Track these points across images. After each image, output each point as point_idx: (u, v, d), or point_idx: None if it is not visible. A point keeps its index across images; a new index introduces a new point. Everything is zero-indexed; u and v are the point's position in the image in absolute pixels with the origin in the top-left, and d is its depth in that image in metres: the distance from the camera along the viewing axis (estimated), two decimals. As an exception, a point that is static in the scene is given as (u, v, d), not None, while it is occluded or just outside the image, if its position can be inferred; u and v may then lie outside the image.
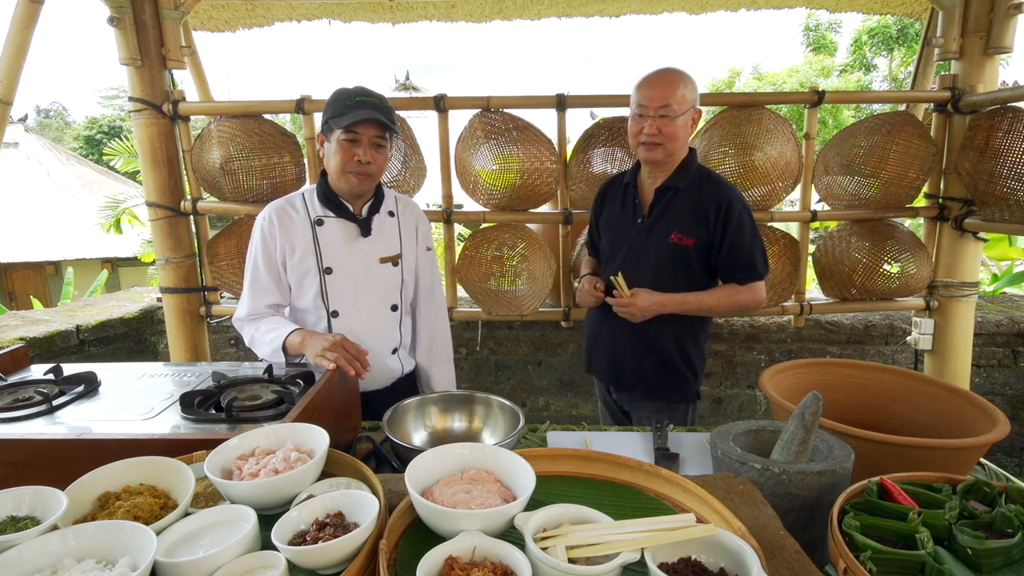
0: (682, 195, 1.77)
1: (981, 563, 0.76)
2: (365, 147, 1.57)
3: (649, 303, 1.75)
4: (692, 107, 1.71)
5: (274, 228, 1.66)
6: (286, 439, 0.99)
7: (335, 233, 1.67)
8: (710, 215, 1.74)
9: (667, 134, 1.68)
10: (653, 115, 1.68)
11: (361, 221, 1.67)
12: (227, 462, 0.94)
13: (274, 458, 0.93)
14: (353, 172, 1.59)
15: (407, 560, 0.75)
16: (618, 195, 1.91)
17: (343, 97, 1.58)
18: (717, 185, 1.77)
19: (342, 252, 1.67)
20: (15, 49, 1.96)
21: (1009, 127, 2.18)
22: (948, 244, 2.54)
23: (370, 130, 1.57)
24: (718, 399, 3.13)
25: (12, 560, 0.71)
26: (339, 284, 1.67)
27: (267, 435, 0.99)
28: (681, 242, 1.75)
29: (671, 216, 1.77)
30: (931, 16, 2.55)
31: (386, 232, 1.72)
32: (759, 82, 15.96)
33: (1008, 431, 1.07)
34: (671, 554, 0.76)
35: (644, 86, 1.71)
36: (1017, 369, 2.98)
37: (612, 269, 1.84)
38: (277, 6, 2.95)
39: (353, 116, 1.53)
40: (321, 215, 1.67)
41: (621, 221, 1.88)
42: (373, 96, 1.59)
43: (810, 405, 1.00)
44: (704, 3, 3.00)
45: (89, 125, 21.33)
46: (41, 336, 2.78)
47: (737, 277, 1.79)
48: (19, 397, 1.24)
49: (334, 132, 1.58)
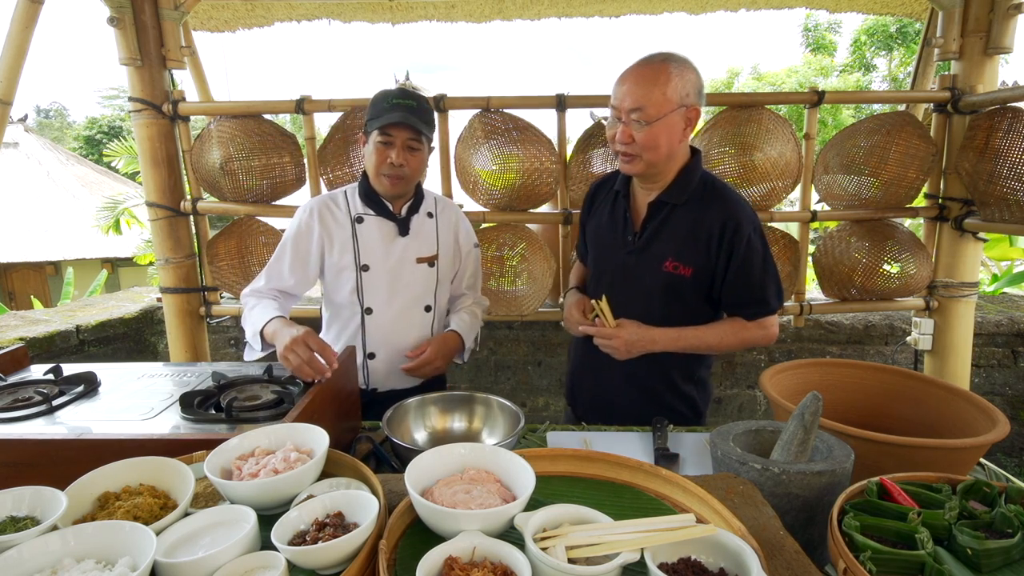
0: (680, 213, 1.49)
1: (981, 563, 0.76)
2: (399, 150, 1.57)
3: (636, 338, 1.48)
4: (680, 106, 1.38)
5: (313, 220, 1.68)
6: (286, 439, 0.99)
7: (374, 231, 1.69)
8: (713, 239, 1.45)
9: (643, 143, 1.39)
10: (624, 119, 1.40)
11: (400, 220, 1.69)
12: (227, 462, 0.94)
13: (274, 458, 0.92)
14: (386, 175, 1.61)
15: (407, 560, 0.75)
16: (607, 201, 1.64)
17: (382, 99, 1.59)
18: (723, 202, 1.47)
19: (380, 250, 1.68)
20: (15, 49, 1.96)
21: (1009, 127, 2.18)
22: (948, 244, 2.54)
23: (404, 133, 1.57)
24: (718, 399, 3.13)
25: (12, 560, 0.71)
26: (375, 281, 1.69)
27: (267, 435, 0.99)
28: (677, 272, 1.48)
29: (665, 239, 1.50)
30: (931, 16, 2.55)
31: (424, 233, 1.73)
32: (758, 82, 15.98)
33: (1008, 431, 1.07)
34: (671, 554, 0.76)
35: (620, 82, 1.42)
36: (1017, 369, 2.98)
37: (596, 291, 1.60)
38: (277, 6, 2.95)
39: (387, 118, 1.54)
40: (362, 212, 1.69)
41: (610, 236, 1.61)
42: (411, 98, 1.59)
43: (810, 405, 1.00)
44: (704, 3, 3.00)
45: (89, 125, 21.34)
46: (41, 336, 2.78)
47: (744, 313, 1.53)
48: (19, 397, 1.24)
49: (371, 133, 1.60)
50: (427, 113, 1.61)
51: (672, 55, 1.40)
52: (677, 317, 1.53)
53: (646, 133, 1.38)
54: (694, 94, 1.41)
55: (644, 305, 1.53)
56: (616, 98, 1.41)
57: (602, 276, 1.64)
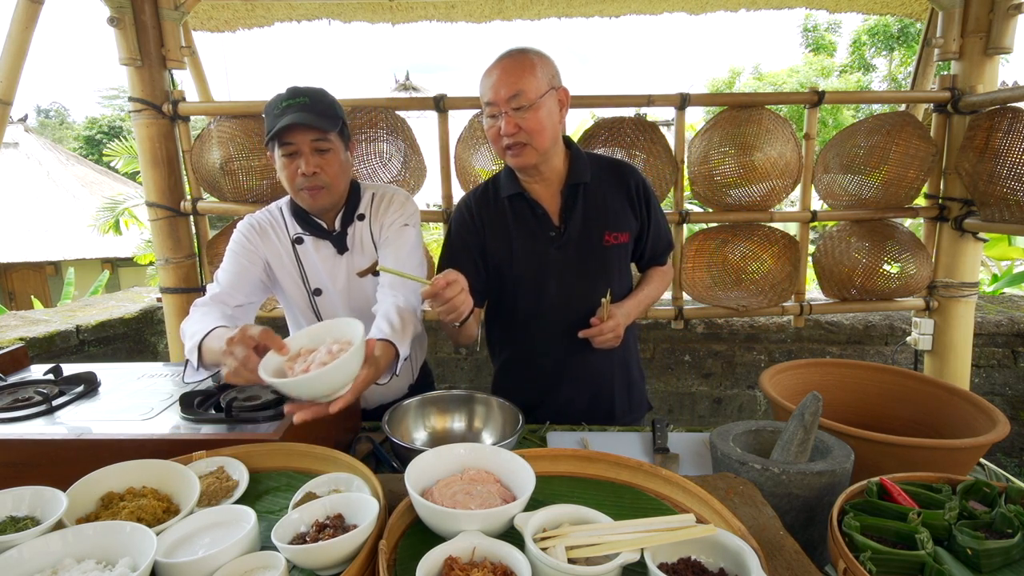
0: (591, 190, 1.53)
1: (981, 563, 0.76)
2: (307, 156, 1.37)
3: (624, 319, 1.50)
4: (551, 88, 1.41)
5: (255, 240, 1.51)
6: (324, 336, 1.09)
7: (314, 253, 1.52)
8: (632, 201, 1.55)
9: (528, 129, 1.39)
10: (506, 109, 1.39)
11: (335, 237, 1.51)
12: (278, 366, 1.03)
13: (318, 354, 1.02)
14: (303, 188, 1.41)
15: (407, 560, 0.75)
16: (502, 212, 1.55)
17: (272, 106, 1.39)
18: (620, 167, 1.58)
19: (325, 273, 1.53)
20: (15, 49, 1.96)
21: (1009, 127, 2.18)
22: (948, 244, 2.54)
23: (305, 135, 1.36)
24: (718, 399, 3.13)
25: (12, 560, 0.71)
26: (330, 304, 1.56)
27: (307, 336, 1.10)
28: (618, 241, 1.54)
29: (595, 216, 1.52)
30: (931, 16, 2.55)
31: (359, 241, 1.53)
32: (759, 82, 15.98)
33: (1008, 431, 1.07)
34: (671, 554, 0.76)
35: (486, 77, 1.42)
36: (1017, 369, 2.98)
37: (531, 299, 1.56)
38: (277, 6, 2.95)
39: (280, 124, 1.33)
40: (300, 233, 1.53)
41: (527, 242, 1.53)
42: (302, 95, 1.38)
43: (810, 405, 1.00)
44: (704, 3, 3.00)
45: (89, 125, 21.34)
46: (41, 336, 2.78)
47: (661, 260, 1.67)
48: (19, 397, 1.24)
49: (274, 149, 1.41)
50: (327, 107, 1.40)
51: (526, 47, 1.44)
52: (625, 284, 1.62)
53: (530, 117, 1.39)
54: (558, 76, 1.46)
55: (592, 288, 1.50)
56: (490, 93, 1.41)
57: (532, 281, 1.54)
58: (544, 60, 1.43)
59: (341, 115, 1.46)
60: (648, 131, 2.40)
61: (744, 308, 2.51)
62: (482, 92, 1.44)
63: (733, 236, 2.54)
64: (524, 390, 1.58)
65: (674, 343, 3.09)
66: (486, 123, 1.46)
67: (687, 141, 2.48)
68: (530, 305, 1.57)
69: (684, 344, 3.09)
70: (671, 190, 2.47)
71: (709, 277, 2.58)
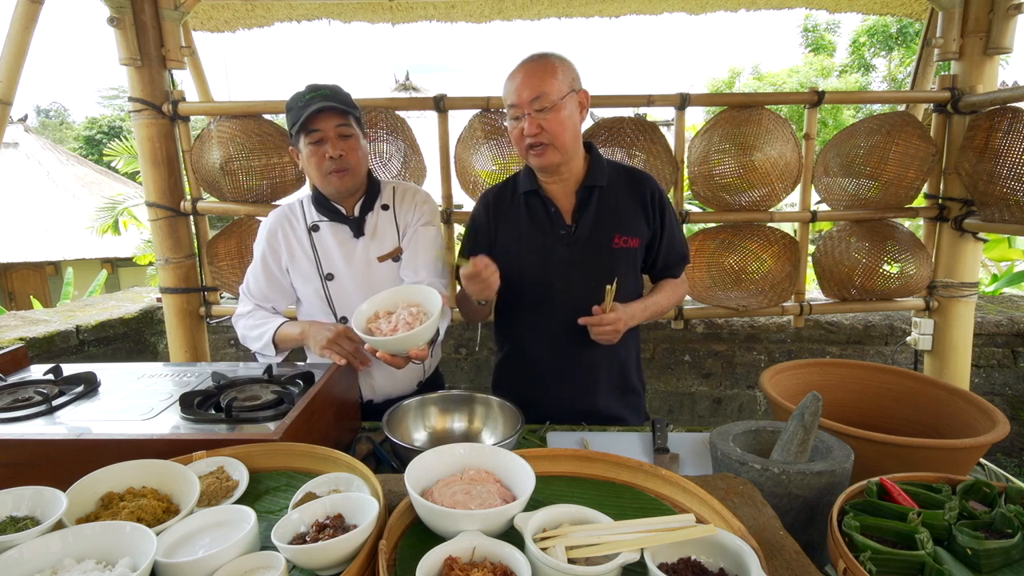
0: (607, 193, 1.57)
1: (981, 563, 0.76)
2: (333, 141, 1.52)
3: (628, 317, 1.52)
4: (572, 91, 1.47)
5: (276, 236, 1.66)
6: (397, 300, 1.40)
7: (330, 237, 1.64)
8: (647, 209, 1.58)
9: (551, 129, 1.45)
10: (529, 111, 1.45)
11: (353, 221, 1.63)
12: (362, 326, 1.34)
13: (398, 316, 1.31)
14: (331, 172, 1.54)
15: (407, 560, 0.75)
16: (517, 207, 1.62)
17: (295, 102, 1.54)
18: (639, 175, 1.62)
19: (339, 256, 1.63)
20: (15, 49, 1.96)
21: (1009, 127, 2.18)
22: (948, 244, 2.54)
23: (330, 121, 1.51)
24: (718, 399, 3.13)
25: (12, 560, 0.71)
26: (342, 289, 1.64)
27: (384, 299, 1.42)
28: (627, 244, 1.57)
29: (606, 218, 1.57)
30: (931, 16, 2.55)
31: (382, 228, 1.66)
32: (759, 82, 15.98)
33: (1008, 431, 1.07)
34: (671, 554, 0.76)
35: (510, 81, 1.49)
36: (1017, 369, 2.98)
37: (536, 293, 1.60)
38: (277, 6, 2.95)
39: (307, 112, 1.48)
40: (316, 220, 1.65)
41: (537, 237, 1.59)
42: (322, 88, 1.54)
43: (810, 405, 1.00)
44: (704, 3, 3.00)
45: (89, 125, 21.34)
46: (41, 336, 2.78)
47: (675, 272, 1.68)
48: (19, 397, 1.24)
49: (301, 140, 1.54)
50: (346, 96, 1.56)
51: (548, 52, 1.51)
52: (633, 289, 1.63)
53: (552, 118, 1.45)
54: (578, 79, 1.52)
55: (597, 288, 1.49)
56: (514, 96, 1.47)
57: (539, 277, 1.58)
58: (565, 64, 1.48)
59: (358, 109, 1.61)
60: (648, 131, 2.40)
61: (744, 308, 2.51)
62: (505, 95, 1.51)
63: (733, 236, 2.54)
64: (521, 385, 1.64)
65: (674, 343, 3.09)
66: (509, 125, 1.53)
67: (687, 141, 2.48)
68: (534, 299, 1.61)
69: (684, 344, 3.09)
70: (671, 190, 2.47)
71: (709, 277, 2.58)
